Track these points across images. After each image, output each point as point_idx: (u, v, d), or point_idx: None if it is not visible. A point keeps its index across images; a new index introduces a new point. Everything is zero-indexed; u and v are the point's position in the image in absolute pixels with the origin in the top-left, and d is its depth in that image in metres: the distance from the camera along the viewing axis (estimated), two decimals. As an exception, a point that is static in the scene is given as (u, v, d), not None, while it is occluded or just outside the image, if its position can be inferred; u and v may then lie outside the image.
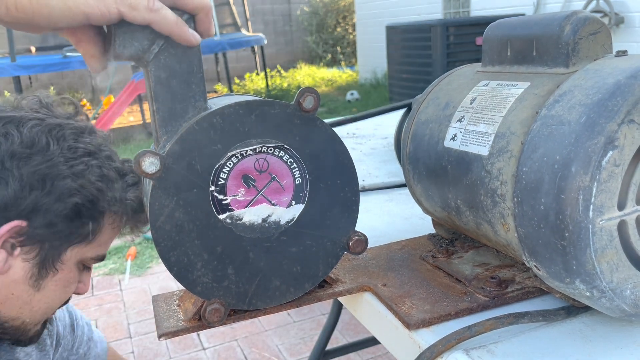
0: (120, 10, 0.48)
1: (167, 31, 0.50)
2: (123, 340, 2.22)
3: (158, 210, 0.50)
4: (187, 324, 0.56)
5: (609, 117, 0.45)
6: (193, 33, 0.51)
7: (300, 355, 2.06)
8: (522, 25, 0.61)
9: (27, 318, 0.72)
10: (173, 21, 0.50)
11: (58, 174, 0.67)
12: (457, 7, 6.09)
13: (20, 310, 0.71)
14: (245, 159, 0.53)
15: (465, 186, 0.60)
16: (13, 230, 0.65)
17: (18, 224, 0.65)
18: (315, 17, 10.11)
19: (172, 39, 0.51)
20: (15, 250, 0.67)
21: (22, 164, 0.65)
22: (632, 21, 4.18)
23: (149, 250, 3.03)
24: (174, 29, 0.50)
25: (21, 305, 0.70)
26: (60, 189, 0.66)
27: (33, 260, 0.68)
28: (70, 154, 0.69)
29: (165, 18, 0.49)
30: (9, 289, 0.69)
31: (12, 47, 5.59)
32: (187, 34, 0.51)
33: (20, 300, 0.70)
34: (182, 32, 0.51)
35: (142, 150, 0.49)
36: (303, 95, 0.53)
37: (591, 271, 0.46)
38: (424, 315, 0.56)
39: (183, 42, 0.51)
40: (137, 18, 0.48)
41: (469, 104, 0.63)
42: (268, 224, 0.55)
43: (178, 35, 0.51)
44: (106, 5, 0.47)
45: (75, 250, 0.71)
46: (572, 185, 0.45)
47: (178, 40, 0.51)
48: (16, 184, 0.65)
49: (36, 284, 0.70)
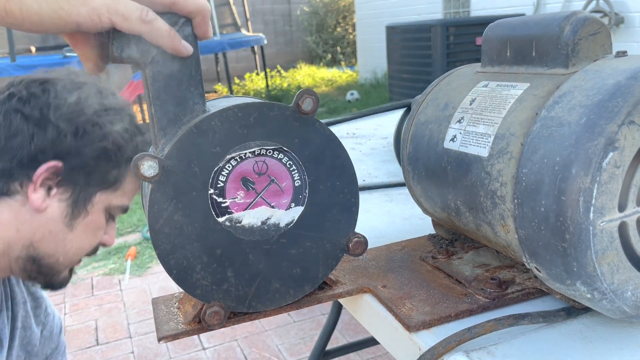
0: (112, 20, 0.47)
1: (158, 43, 0.50)
2: (123, 341, 2.22)
3: (157, 213, 0.50)
4: (186, 326, 0.56)
5: (609, 118, 0.45)
6: (185, 45, 0.51)
7: (300, 355, 2.06)
8: (521, 26, 0.61)
9: (60, 256, 0.81)
10: (165, 33, 0.49)
11: (89, 121, 0.77)
12: (457, 7, 6.09)
13: (56, 248, 0.80)
14: (244, 161, 0.53)
15: (465, 187, 0.60)
16: (50, 170, 0.75)
17: (55, 164, 0.75)
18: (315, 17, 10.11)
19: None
20: (52, 190, 0.77)
21: (59, 114, 0.76)
22: (632, 21, 4.18)
23: (149, 250, 3.03)
24: (166, 41, 0.50)
25: (56, 243, 0.79)
26: (91, 135, 0.77)
27: (67, 200, 0.78)
28: (99, 107, 0.79)
29: (157, 30, 0.49)
30: (47, 226, 0.78)
31: (12, 47, 5.59)
32: (178, 45, 0.50)
33: (56, 238, 0.79)
34: (173, 44, 0.50)
35: (140, 153, 0.48)
36: (302, 97, 0.53)
37: (592, 273, 0.46)
38: (424, 317, 0.56)
39: (175, 54, 0.51)
40: (129, 28, 0.48)
41: (468, 105, 0.62)
42: (267, 227, 0.55)
43: (170, 48, 0.50)
44: (98, 14, 0.47)
45: (103, 196, 0.81)
46: (573, 186, 0.45)
47: (170, 52, 0.51)
48: (53, 131, 0.75)
49: (70, 223, 0.79)
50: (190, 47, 0.52)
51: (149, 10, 0.49)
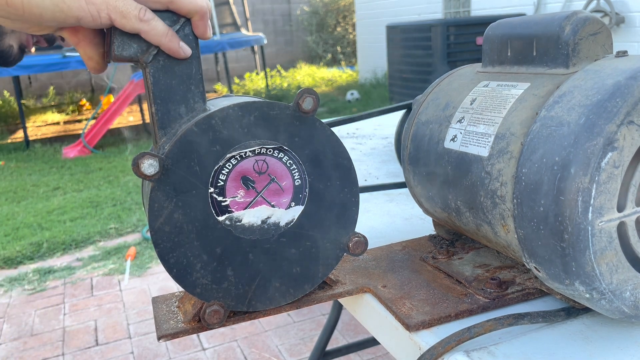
0: (111, 17, 0.48)
1: (156, 42, 0.50)
2: (123, 341, 2.22)
3: (157, 212, 0.50)
4: (186, 325, 0.56)
5: (608, 118, 0.45)
6: (183, 46, 0.51)
7: (300, 355, 2.06)
8: (522, 25, 0.61)
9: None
10: (163, 32, 0.50)
11: None
12: (458, 7, 6.09)
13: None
14: (244, 160, 0.53)
15: (465, 187, 0.60)
16: None
17: None
18: (315, 17, 10.11)
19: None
20: None
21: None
22: (633, 21, 4.18)
23: (149, 250, 3.03)
24: (163, 41, 0.50)
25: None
26: None
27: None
28: None
29: (154, 29, 0.49)
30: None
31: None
32: (176, 46, 0.51)
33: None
34: (171, 44, 0.51)
35: (140, 152, 0.48)
36: (302, 96, 0.53)
37: (590, 273, 0.46)
38: (424, 317, 0.56)
39: (172, 55, 0.51)
40: (127, 26, 0.49)
41: (469, 105, 0.63)
42: (267, 226, 0.55)
43: (167, 47, 0.51)
44: (97, 10, 0.48)
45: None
46: (572, 186, 0.45)
47: (167, 52, 0.51)
48: None
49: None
50: (188, 50, 0.52)
51: (147, 9, 0.49)
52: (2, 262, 2.97)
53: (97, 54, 0.53)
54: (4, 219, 3.58)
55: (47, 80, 8.45)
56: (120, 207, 3.69)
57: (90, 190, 4.10)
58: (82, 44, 0.52)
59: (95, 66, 0.53)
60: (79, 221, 3.48)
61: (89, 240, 3.19)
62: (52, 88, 8.20)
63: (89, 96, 8.30)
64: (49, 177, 4.52)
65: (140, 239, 3.18)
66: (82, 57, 0.53)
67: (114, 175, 4.47)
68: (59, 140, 5.97)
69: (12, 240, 3.22)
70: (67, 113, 7.55)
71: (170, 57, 0.52)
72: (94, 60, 0.53)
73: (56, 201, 3.88)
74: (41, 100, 8.20)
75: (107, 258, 2.98)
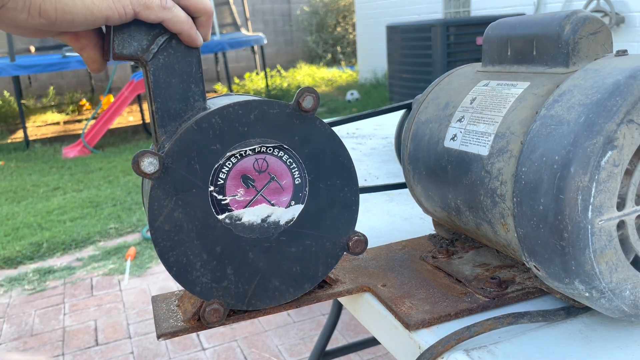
0: (135, 10, 0.48)
1: (178, 29, 0.51)
2: (123, 341, 2.22)
3: (157, 211, 0.50)
4: (186, 324, 0.56)
5: (608, 117, 0.45)
6: (198, 34, 0.52)
7: (300, 355, 2.06)
8: (522, 25, 0.61)
9: None
10: (184, 20, 0.51)
11: None
12: (457, 6, 6.09)
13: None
14: (244, 159, 0.53)
15: (465, 186, 0.60)
16: None
17: None
18: (315, 17, 10.11)
19: (176, 38, 0.52)
20: None
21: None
22: (633, 21, 4.18)
23: (149, 250, 3.03)
24: (185, 28, 0.51)
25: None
26: None
27: None
28: None
29: (177, 16, 0.50)
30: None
31: (12, 47, 5.59)
32: (195, 33, 0.52)
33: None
34: (191, 31, 0.51)
35: (140, 150, 0.49)
36: (302, 95, 0.53)
37: (590, 272, 0.46)
38: (423, 316, 0.56)
39: (189, 42, 0.52)
40: (151, 16, 0.49)
41: (469, 104, 0.63)
42: (267, 224, 0.55)
43: (187, 35, 0.51)
44: (123, 5, 0.48)
45: None
46: (571, 185, 0.45)
47: (185, 39, 0.52)
48: None
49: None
50: (201, 38, 0.53)
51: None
52: (2, 262, 2.97)
53: (100, 56, 0.53)
54: (4, 219, 3.58)
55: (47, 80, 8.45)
56: (120, 207, 3.69)
57: (90, 190, 4.10)
58: (87, 49, 0.52)
59: (98, 67, 0.54)
60: (79, 221, 3.48)
61: (89, 240, 3.20)
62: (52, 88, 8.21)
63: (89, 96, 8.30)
64: (49, 177, 4.52)
65: (140, 239, 3.18)
66: (85, 61, 0.53)
67: (114, 175, 4.47)
68: (59, 140, 5.98)
69: (12, 240, 3.22)
70: (67, 113, 7.55)
71: (170, 55, 0.52)
72: (98, 62, 0.53)
73: (56, 201, 3.88)
74: (41, 100, 8.21)
75: (107, 258, 2.98)
